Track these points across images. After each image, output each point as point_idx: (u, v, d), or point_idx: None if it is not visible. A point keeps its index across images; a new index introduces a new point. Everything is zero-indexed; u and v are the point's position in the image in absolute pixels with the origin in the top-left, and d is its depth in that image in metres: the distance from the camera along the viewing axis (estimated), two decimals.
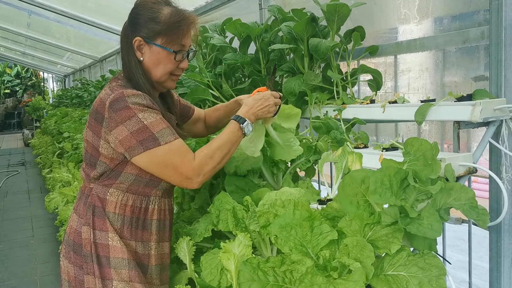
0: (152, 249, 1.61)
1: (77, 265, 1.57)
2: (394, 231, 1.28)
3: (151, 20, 1.55)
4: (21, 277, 4.19)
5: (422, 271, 1.24)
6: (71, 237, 1.61)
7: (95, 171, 1.57)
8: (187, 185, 1.50)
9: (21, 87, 21.64)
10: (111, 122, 1.46)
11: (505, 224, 1.76)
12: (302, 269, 1.24)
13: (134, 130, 1.44)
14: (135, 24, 1.58)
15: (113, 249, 1.53)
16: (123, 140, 1.45)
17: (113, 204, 1.55)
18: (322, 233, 1.29)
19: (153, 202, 1.61)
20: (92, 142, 1.55)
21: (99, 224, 1.55)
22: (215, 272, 1.46)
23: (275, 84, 2.78)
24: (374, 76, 2.33)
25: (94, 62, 11.27)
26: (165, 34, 1.55)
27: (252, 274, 1.28)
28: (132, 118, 1.44)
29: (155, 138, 1.44)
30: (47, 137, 8.82)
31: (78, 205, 1.64)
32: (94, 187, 1.59)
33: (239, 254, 1.37)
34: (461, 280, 2.34)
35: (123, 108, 1.45)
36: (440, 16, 2.18)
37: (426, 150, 1.40)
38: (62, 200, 4.22)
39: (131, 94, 1.47)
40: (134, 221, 1.57)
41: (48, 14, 8.22)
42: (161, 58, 1.57)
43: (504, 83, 1.72)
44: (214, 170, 1.52)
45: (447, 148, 2.23)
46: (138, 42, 1.56)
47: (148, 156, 1.45)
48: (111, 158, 1.53)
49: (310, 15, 2.35)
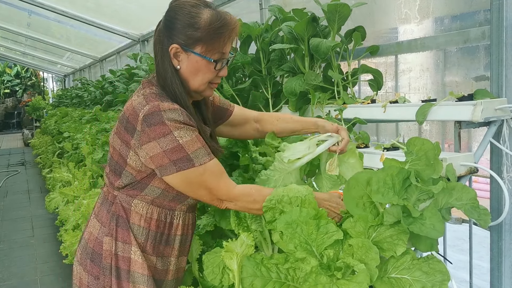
0: (171, 264, 1.54)
1: (93, 275, 1.50)
2: (399, 232, 1.27)
3: (190, 25, 1.40)
4: (21, 277, 4.19)
5: (425, 276, 1.23)
6: (90, 244, 1.53)
7: (120, 181, 1.49)
8: (216, 204, 1.45)
9: (21, 87, 21.63)
10: (143, 136, 1.36)
11: (506, 224, 1.76)
12: (307, 267, 1.24)
13: (168, 149, 1.34)
14: (171, 29, 1.43)
15: (134, 263, 1.46)
16: (154, 157, 1.36)
17: (138, 217, 1.48)
18: (328, 232, 1.29)
19: (178, 217, 1.53)
20: (119, 151, 1.46)
21: (122, 236, 1.47)
22: (217, 271, 1.46)
23: (275, 84, 2.78)
24: (375, 76, 2.33)
25: (94, 62, 11.27)
26: (205, 42, 1.41)
27: (255, 269, 1.28)
28: (167, 135, 1.34)
29: (189, 159, 1.35)
30: (47, 137, 8.82)
31: (100, 211, 1.56)
32: (118, 195, 1.50)
33: (241, 253, 1.37)
34: (462, 280, 2.34)
35: (158, 123, 1.34)
36: (441, 16, 2.18)
37: (428, 149, 1.40)
38: (62, 200, 4.22)
39: (168, 108, 1.36)
40: (158, 236, 1.50)
41: (48, 14, 8.21)
42: (200, 67, 1.44)
43: (505, 83, 1.72)
44: (246, 210, 1.47)
45: (448, 148, 2.23)
46: (175, 49, 1.43)
47: (181, 177, 1.37)
48: (138, 171, 1.44)
49: (311, 15, 2.36)
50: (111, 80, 6.48)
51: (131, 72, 5.44)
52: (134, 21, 7.04)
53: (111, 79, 6.51)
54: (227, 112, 1.77)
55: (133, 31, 7.40)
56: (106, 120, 4.68)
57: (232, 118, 1.78)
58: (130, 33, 7.48)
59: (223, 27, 1.41)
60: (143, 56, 5.60)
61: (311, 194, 1.37)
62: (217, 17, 1.41)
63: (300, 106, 2.49)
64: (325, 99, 2.34)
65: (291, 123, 1.76)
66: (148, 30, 6.92)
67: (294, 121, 1.77)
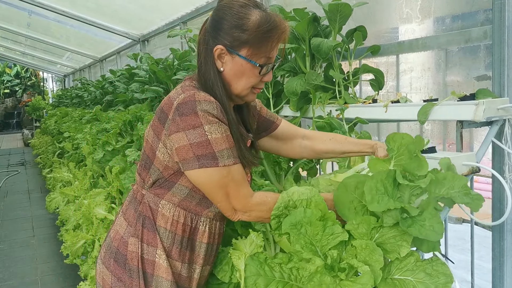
0: (195, 272, 1.49)
1: (116, 276, 1.45)
2: (402, 233, 1.27)
3: (237, 27, 1.34)
4: (22, 277, 4.19)
5: (429, 278, 1.22)
6: (114, 243, 1.49)
7: (148, 176, 1.45)
8: (229, 215, 1.38)
9: (21, 87, 21.63)
10: (173, 125, 1.31)
11: (508, 224, 1.76)
12: (311, 268, 1.24)
13: (195, 142, 1.28)
14: (217, 29, 1.37)
15: (158, 267, 1.41)
16: (179, 149, 1.31)
17: (165, 219, 1.43)
18: (334, 233, 1.28)
19: (204, 224, 1.47)
20: (152, 143, 1.42)
21: (148, 237, 1.43)
22: (226, 268, 1.46)
23: (276, 83, 2.78)
24: (376, 75, 2.33)
25: (94, 62, 11.27)
26: (251, 45, 1.35)
27: (258, 268, 1.28)
28: (197, 128, 1.28)
29: (214, 157, 1.29)
30: (47, 137, 8.81)
31: (128, 209, 1.51)
32: (146, 194, 1.46)
33: (250, 253, 1.37)
34: (463, 279, 2.34)
35: (190, 113, 1.29)
36: (442, 15, 2.18)
37: (409, 143, 1.37)
38: (63, 200, 4.23)
39: (203, 99, 1.30)
40: (184, 241, 1.45)
41: (48, 14, 8.21)
42: (244, 70, 1.38)
43: (507, 82, 1.72)
44: (259, 220, 1.42)
45: (449, 148, 2.23)
46: (220, 50, 1.37)
47: (203, 174, 1.31)
48: (165, 166, 1.39)
49: (312, 14, 2.35)
50: (111, 80, 6.48)
51: (131, 72, 5.43)
52: (134, 21, 7.04)
53: (111, 79, 6.50)
54: (273, 125, 1.70)
55: (133, 31, 7.41)
56: (107, 120, 4.67)
57: (278, 132, 1.71)
58: (130, 33, 7.48)
59: (271, 31, 1.35)
60: (144, 56, 5.60)
61: (317, 196, 1.35)
62: (266, 20, 1.35)
63: (301, 106, 2.49)
64: (326, 99, 2.34)
65: (345, 144, 1.68)
66: (149, 30, 6.92)
67: (349, 142, 1.68)
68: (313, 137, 1.73)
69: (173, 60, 4.27)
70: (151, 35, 6.91)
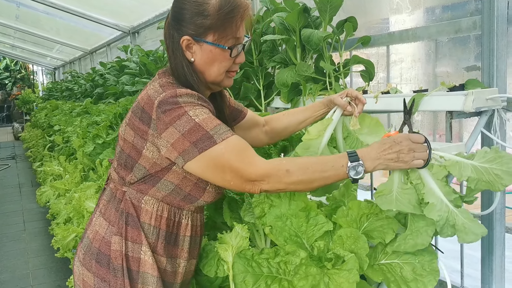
0: (180, 266, 1.47)
1: (99, 277, 1.42)
2: (390, 222, 1.28)
3: (198, 14, 1.33)
4: (13, 271, 4.17)
5: (414, 257, 1.25)
6: (95, 244, 1.45)
7: (131, 175, 1.41)
8: (249, 189, 1.26)
9: (10, 80, 21.42)
10: (159, 124, 1.28)
11: (496, 213, 1.77)
12: (296, 260, 1.24)
13: (186, 131, 1.25)
14: (179, 21, 1.36)
15: (143, 264, 1.40)
16: (175, 143, 1.27)
17: (149, 214, 1.40)
18: (318, 224, 1.29)
19: (186, 217, 1.45)
20: (133, 143, 1.37)
21: (132, 235, 1.40)
22: (212, 263, 1.46)
23: (267, 75, 2.77)
24: (367, 66, 2.33)
25: (84, 55, 11.18)
26: (216, 29, 1.33)
27: (246, 266, 1.28)
28: (182, 117, 1.25)
29: (209, 136, 1.24)
30: (37, 130, 8.74)
31: (107, 209, 1.47)
32: (128, 191, 1.43)
33: (236, 245, 1.37)
34: (453, 269, 2.36)
35: (173, 107, 1.27)
36: (432, 6, 2.18)
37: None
38: (53, 193, 4.20)
39: (184, 93, 1.30)
40: (168, 236, 1.43)
41: (37, 5, 8.12)
42: (214, 56, 1.37)
43: (496, 73, 1.72)
44: (284, 188, 1.25)
45: (440, 138, 2.24)
46: (187, 41, 1.36)
47: (205, 160, 1.25)
48: (153, 163, 1.36)
49: (302, 5, 2.34)
50: (102, 72, 6.43)
51: (121, 65, 5.40)
52: (124, 13, 6.98)
53: (102, 72, 6.46)
54: (241, 114, 1.70)
55: (123, 23, 7.34)
56: (97, 113, 4.65)
57: (244, 121, 1.71)
58: (121, 25, 7.41)
59: (233, 11, 1.33)
60: (134, 48, 5.56)
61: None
62: (226, 1, 1.33)
63: (292, 98, 2.49)
64: (317, 90, 2.33)
65: (298, 113, 1.68)
66: (139, 22, 6.87)
67: (302, 110, 1.68)
68: (270, 120, 1.75)
69: (163, 52, 4.24)
70: (141, 27, 6.85)
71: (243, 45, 1.42)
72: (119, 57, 6.07)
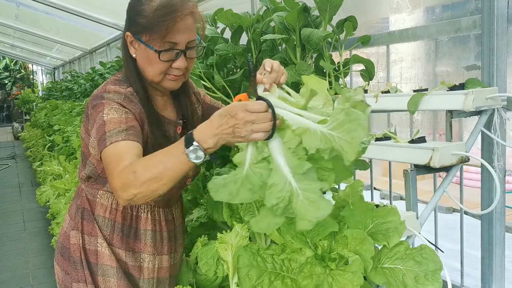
0: (144, 261, 1.48)
1: (64, 270, 1.48)
2: (397, 226, 1.27)
3: (138, 13, 1.35)
4: (13, 270, 4.17)
5: (418, 265, 1.23)
6: (60, 239, 1.53)
7: (83, 171, 1.47)
8: (118, 198, 1.17)
9: (10, 80, 21.41)
10: (91, 119, 1.33)
11: (496, 213, 1.77)
12: (302, 258, 1.24)
13: (97, 127, 1.26)
14: (128, 16, 1.42)
15: (101, 256, 1.43)
16: (96, 139, 1.27)
17: (104, 208, 1.45)
18: (324, 224, 1.28)
19: (145, 211, 1.47)
20: (84, 139, 1.43)
21: (87, 228, 1.45)
22: (211, 262, 1.46)
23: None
24: (367, 66, 2.32)
25: (84, 54, 11.16)
26: (148, 30, 1.32)
27: (251, 259, 1.27)
28: (99, 113, 1.28)
29: (105, 138, 1.23)
30: (37, 130, 8.74)
31: (71, 206, 1.56)
32: (85, 188, 1.49)
33: (236, 245, 1.36)
34: (453, 268, 2.36)
35: (98, 103, 1.30)
36: (432, 5, 2.18)
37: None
38: (53, 193, 4.20)
39: (113, 90, 1.33)
40: (125, 229, 1.45)
41: (37, 5, 8.10)
42: (148, 56, 1.35)
43: (496, 72, 1.72)
44: (140, 192, 1.10)
45: (440, 138, 2.24)
46: (130, 38, 1.39)
47: (103, 158, 1.24)
48: (97, 160, 1.38)
49: (302, 5, 2.34)
50: (101, 72, 6.43)
51: (121, 64, 5.39)
52: (124, 12, 6.93)
53: (101, 71, 6.45)
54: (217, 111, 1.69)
55: (123, 22, 7.26)
56: None
57: None
58: (120, 25, 7.40)
59: (166, 15, 1.29)
60: None
61: None
62: (164, 4, 1.30)
63: None
64: None
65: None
66: None
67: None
68: None
69: None
70: None
71: (182, 51, 1.35)
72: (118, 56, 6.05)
